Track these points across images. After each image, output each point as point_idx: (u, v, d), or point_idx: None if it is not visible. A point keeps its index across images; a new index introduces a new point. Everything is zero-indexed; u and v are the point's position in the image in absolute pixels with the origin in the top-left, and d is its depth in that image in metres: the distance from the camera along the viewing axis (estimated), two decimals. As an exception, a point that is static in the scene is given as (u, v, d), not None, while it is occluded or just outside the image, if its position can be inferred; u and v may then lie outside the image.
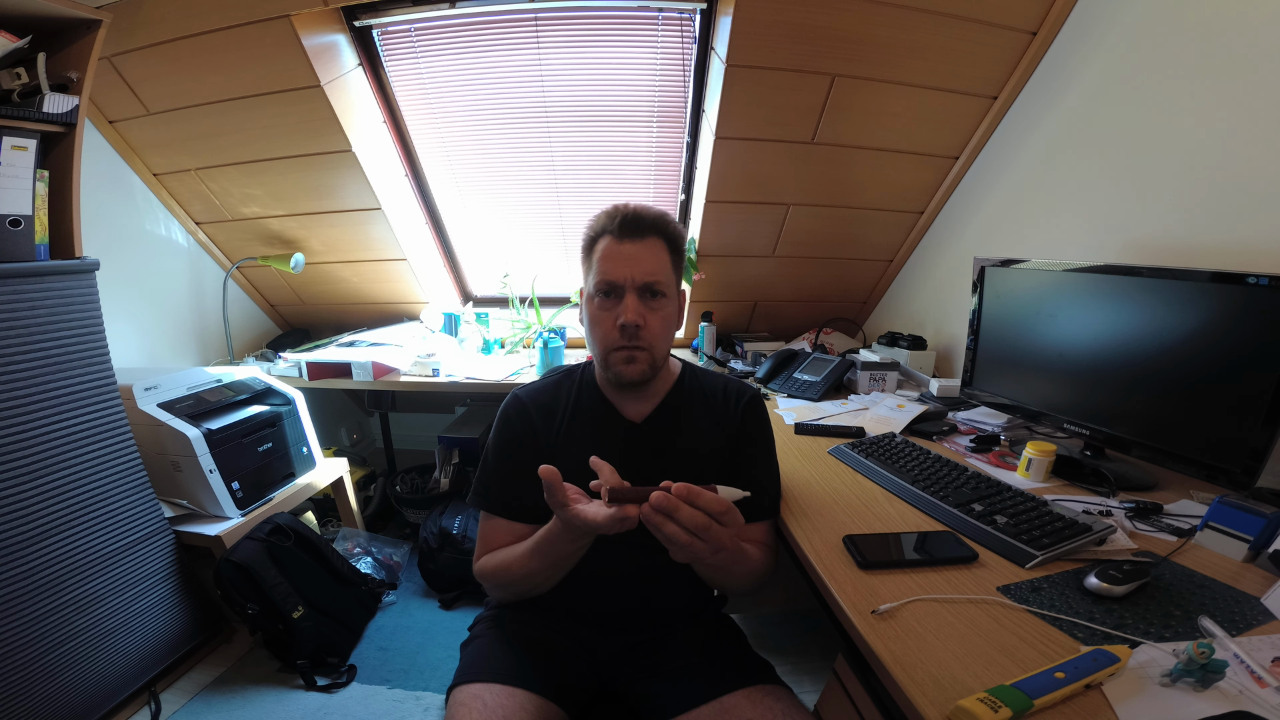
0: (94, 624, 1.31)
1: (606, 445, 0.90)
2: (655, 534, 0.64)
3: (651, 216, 0.86)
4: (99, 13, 1.29)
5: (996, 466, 1.12)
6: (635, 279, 0.85)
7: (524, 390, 0.97)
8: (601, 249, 0.87)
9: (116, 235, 1.83)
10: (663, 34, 1.67)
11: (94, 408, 1.32)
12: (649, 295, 0.86)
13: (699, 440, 0.93)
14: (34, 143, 1.21)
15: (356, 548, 1.96)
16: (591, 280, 0.88)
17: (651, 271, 0.85)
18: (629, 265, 0.85)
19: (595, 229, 0.89)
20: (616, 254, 0.85)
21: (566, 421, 0.93)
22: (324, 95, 1.60)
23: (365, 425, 2.92)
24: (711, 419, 0.95)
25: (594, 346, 0.90)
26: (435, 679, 1.57)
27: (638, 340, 0.85)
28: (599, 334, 0.88)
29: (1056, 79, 1.44)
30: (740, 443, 0.95)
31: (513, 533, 0.90)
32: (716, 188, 1.80)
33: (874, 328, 2.27)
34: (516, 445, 0.93)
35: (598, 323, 0.87)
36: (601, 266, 0.86)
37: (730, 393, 0.98)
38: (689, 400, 0.96)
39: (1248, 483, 0.83)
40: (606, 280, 0.85)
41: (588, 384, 0.97)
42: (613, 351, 0.87)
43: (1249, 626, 0.64)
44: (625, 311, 0.84)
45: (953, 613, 0.67)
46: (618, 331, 0.85)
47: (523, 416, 0.94)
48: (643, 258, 0.86)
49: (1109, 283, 1.04)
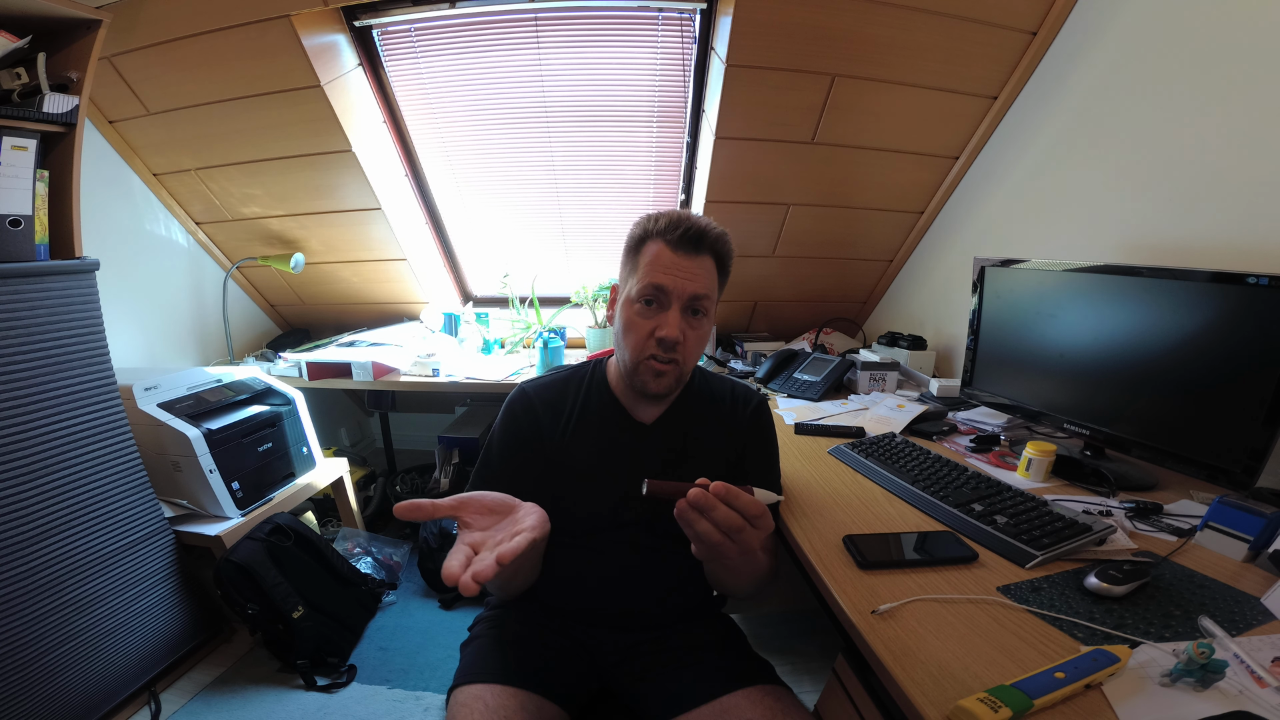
0: (94, 624, 1.31)
1: (616, 446, 0.91)
2: (685, 529, 0.64)
3: (714, 235, 0.84)
4: (99, 13, 1.29)
5: (996, 466, 1.12)
6: (683, 293, 0.82)
7: (531, 385, 0.95)
8: (652, 253, 0.83)
9: (116, 235, 1.83)
10: (663, 34, 1.67)
11: (94, 408, 1.32)
12: (691, 313, 0.84)
13: (707, 444, 0.94)
14: (34, 143, 1.21)
15: (356, 548, 1.96)
16: (635, 284, 0.84)
17: (701, 289, 0.83)
18: (680, 278, 0.82)
19: (648, 229, 0.85)
20: (669, 264, 0.82)
21: (575, 420, 0.92)
22: (324, 95, 1.60)
23: (365, 425, 2.92)
24: (720, 423, 0.95)
25: (623, 351, 0.87)
26: (435, 679, 1.57)
27: (673, 354, 0.84)
28: (633, 340, 0.85)
29: (1056, 79, 1.44)
30: (748, 448, 0.95)
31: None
32: (716, 188, 1.80)
33: (874, 328, 2.27)
34: (521, 444, 0.91)
35: (633, 329, 0.85)
36: (650, 272, 0.83)
37: (738, 397, 0.98)
38: (698, 404, 0.96)
39: (1248, 483, 0.83)
40: (655, 286, 0.82)
41: (598, 383, 0.95)
42: (644, 361, 0.84)
43: (1249, 626, 0.64)
44: (667, 325, 0.82)
45: (953, 613, 0.67)
46: (654, 342, 0.83)
47: (529, 413, 0.92)
48: (696, 273, 0.83)
49: (1109, 283, 1.04)
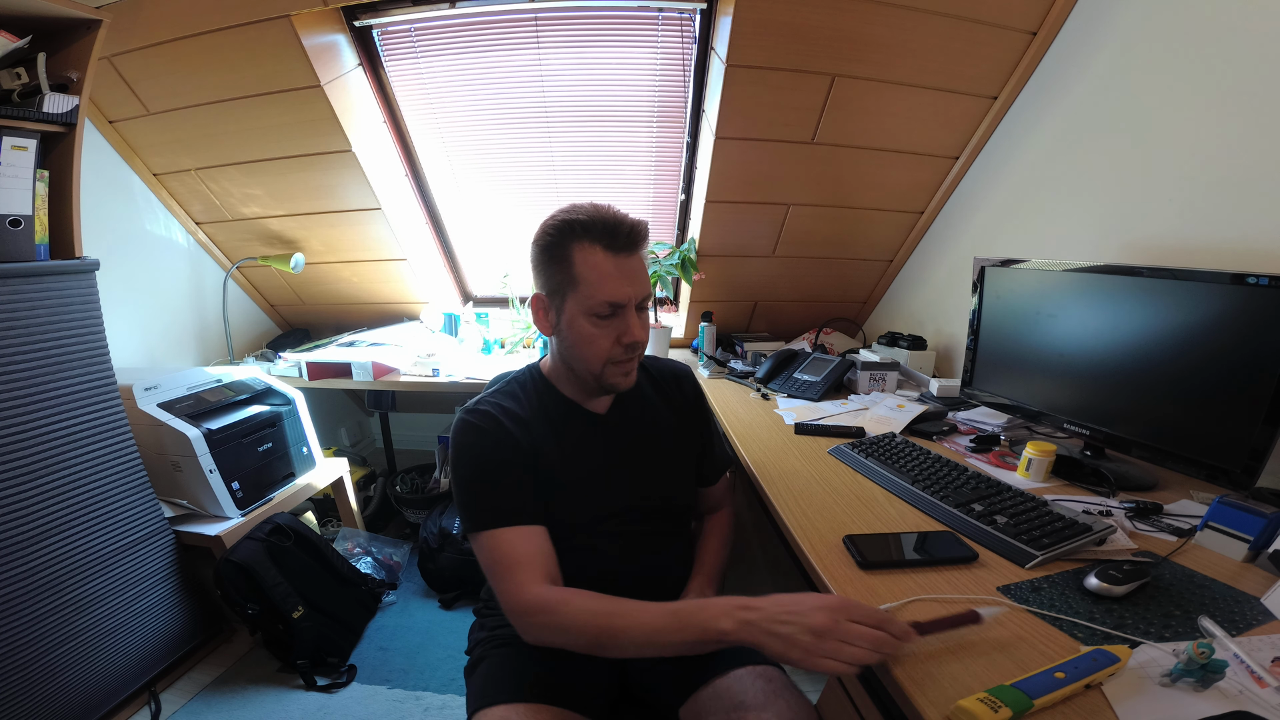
0: (94, 624, 1.31)
1: (582, 442, 0.91)
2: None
3: (644, 229, 0.82)
4: (99, 13, 1.29)
5: (996, 466, 1.12)
6: (638, 297, 0.82)
7: (487, 405, 0.87)
8: (592, 262, 0.79)
9: (116, 235, 1.83)
10: (663, 34, 1.67)
11: (94, 408, 1.32)
12: (638, 309, 0.85)
13: (657, 422, 0.97)
14: (34, 143, 1.21)
15: (356, 548, 1.96)
16: (582, 299, 0.81)
17: (648, 287, 0.85)
18: (632, 284, 0.81)
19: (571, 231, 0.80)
20: (614, 272, 0.80)
21: (539, 427, 0.88)
22: (324, 95, 1.60)
23: (365, 425, 2.92)
24: (663, 399, 1.00)
25: (582, 362, 0.85)
26: (435, 679, 1.57)
27: (636, 353, 0.86)
28: (594, 351, 0.83)
29: (1056, 79, 1.44)
30: (693, 419, 1.02)
31: (538, 537, 0.81)
32: (716, 188, 1.80)
33: (874, 328, 2.27)
34: (507, 464, 0.84)
35: (592, 341, 0.83)
36: (600, 287, 0.80)
37: (673, 374, 1.04)
38: (640, 385, 0.97)
39: (1248, 483, 0.83)
40: (611, 303, 0.80)
41: (544, 388, 0.93)
42: (610, 365, 0.85)
43: (1249, 626, 0.64)
44: (633, 330, 0.83)
45: (953, 612, 0.67)
46: (620, 348, 0.83)
47: (500, 430, 0.84)
48: (640, 272, 0.83)
49: (1109, 283, 1.04)
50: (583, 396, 0.93)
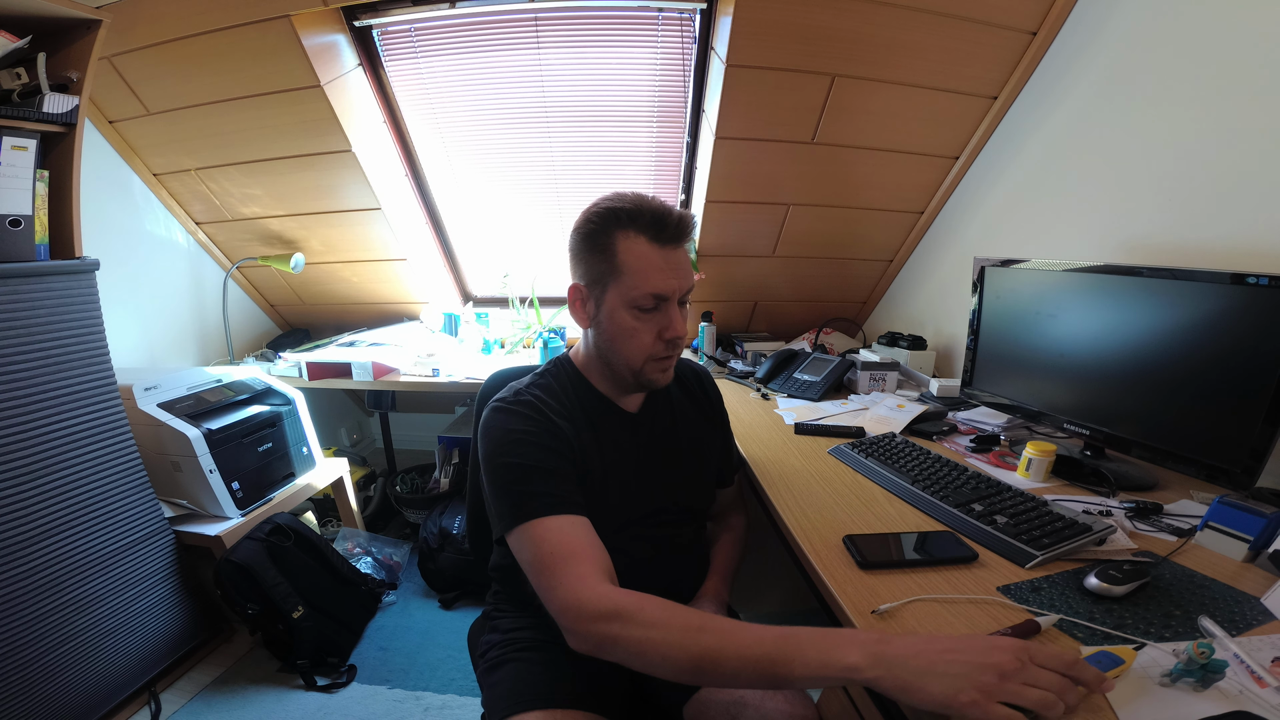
0: (94, 624, 1.31)
1: (622, 441, 0.89)
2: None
3: (689, 220, 0.79)
4: (99, 13, 1.29)
5: (996, 466, 1.12)
6: (681, 290, 0.80)
7: (529, 395, 0.83)
8: (636, 252, 0.77)
9: (116, 235, 1.83)
10: (663, 34, 1.67)
11: (94, 408, 1.32)
12: (680, 304, 0.83)
13: (686, 421, 0.97)
14: (34, 143, 1.22)
15: (356, 548, 1.96)
16: (625, 290, 0.78)
17: (692, 281, 0.82)
18: (677, 276, 0.79)
19: (615, 219, 0.78)
20: (661, 263, 0.78)
21: (579, 423, 0.85)
22: (324, 95, 1.60)
23: (365, 425, 2.92)
24: (689, 400, 0.99)
25: (621, 356, 0.82)
26: (435, 679, 1.57)
27: (677, 349, 0.84)
28: (635, 345, 0.81)
29: (1056, 79, 1.44)
30: (716, 420, 1.02)
31: (593, 531, 0.73)
32: (716, 188, 1.80)
33: (874, 328, 2.27)
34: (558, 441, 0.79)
35: (634, 335, 0.80)
36: (646, 278, 0.78)
37: (695, 374, 1.03)
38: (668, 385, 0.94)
39: (1248, 483, 0.83)
40: (656, 295, 0.78)
41: (577, 380, 0.89)
42: (651, 361, 0.83)
43: (1249, 626, 0.64)
44: (675, 325, 0.81)
45: (953, 613, 0.67)
46: (661, 343, 0.81)
47: (546, 418, 0.80)
48: (685, 265, 0.81)
49: (1109, 283, 1.04)
50: (616, 393, 0.90)
